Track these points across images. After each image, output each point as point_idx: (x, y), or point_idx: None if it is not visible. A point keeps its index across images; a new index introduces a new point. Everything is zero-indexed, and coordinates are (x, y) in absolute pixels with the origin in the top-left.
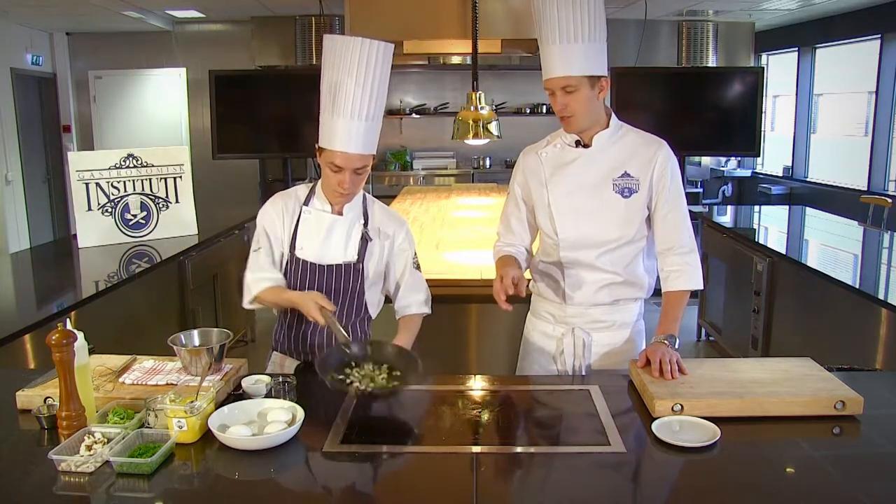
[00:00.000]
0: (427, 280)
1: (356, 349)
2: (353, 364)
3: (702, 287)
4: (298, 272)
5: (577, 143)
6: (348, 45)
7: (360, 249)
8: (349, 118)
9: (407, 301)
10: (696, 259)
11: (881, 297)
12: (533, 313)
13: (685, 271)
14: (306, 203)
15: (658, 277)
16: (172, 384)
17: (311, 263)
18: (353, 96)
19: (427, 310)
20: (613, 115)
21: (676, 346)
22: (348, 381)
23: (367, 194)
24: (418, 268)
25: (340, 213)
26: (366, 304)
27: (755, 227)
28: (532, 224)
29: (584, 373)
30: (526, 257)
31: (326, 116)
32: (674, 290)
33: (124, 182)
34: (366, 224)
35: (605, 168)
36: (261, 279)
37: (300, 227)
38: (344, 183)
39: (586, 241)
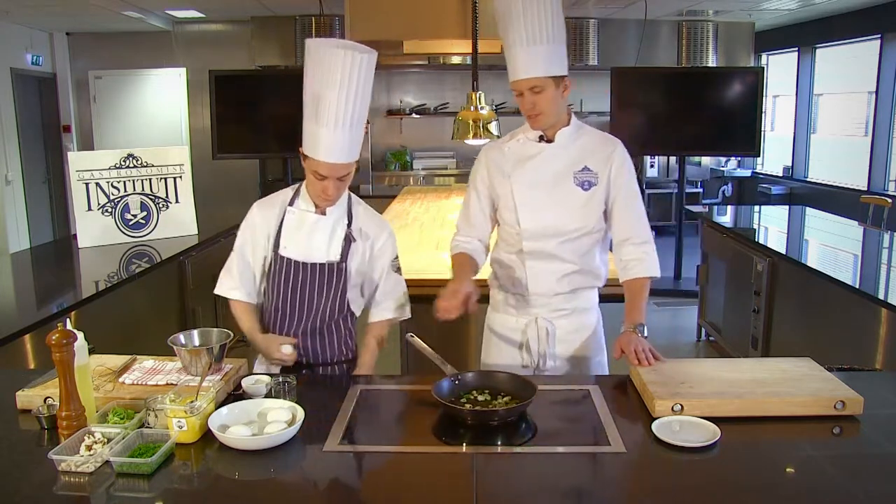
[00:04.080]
0: (427, 280)
1: (469, 378)
2: (468, 392)
3: (659, 275)
4: (283, 272)
5: (541, 139)
6: (331, 55)
7: (344, 249)
8: (332, 128)
9: (382, 305)
10: (653, 249)
11: (881, 297)
12: (493, 307)
13: (643, 260)
14: (291, 204)
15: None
16: (172, 384)
17: (294, 262)
18: (336, 107)
19: (403, 314)
20: (573, 114)
21: (645, 334)
22: (465, 405)
23: (352, 195)
24: (399, 271)
25: (324, 213)
26: (348, 303)
27: (755, 227)
28: (492, 217)
29: (550, 360)
30: (482, 251)
31: (310, 125)
32: (634, 279)
33: (124, 182)
34: (349, 224)
35: (567, 162)
36: (231, 288)
37: (284, 227)
38: (328, 189)
39: (548, 231)
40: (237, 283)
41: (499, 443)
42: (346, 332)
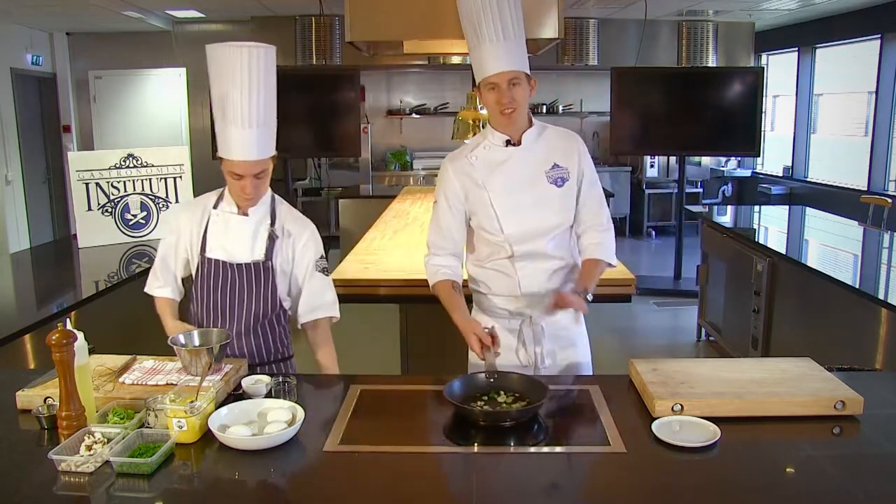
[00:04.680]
0: (426, 280)
1: (483, 379)
2: (480, 394)
3: (616, 265)
4: (210, 274)
5: (507, 143)
6: (229, 54)
7: (268, 248)
8: (240, 127)
9: (312, 304)
10: (612, 237)
11: (881, 297)
12: (481, 310)
13: (604, 244)
14: (215, 207)
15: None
16: (172, 384)
17: (221, 263)
18: (241, 105)
19: (333, 312)
20: (532, 115)
21: (590, 299)
22: (476, 406)
23: (275, 195)
24: (325, 272)
25: (246, 214)
26: (280, 301)
27: (755, 227)
28: (465, 228)
29: (549, 358)
30: (459, 270)
31: (219, 126)
32: (592, 258)
33: (124, 182)
34: (272, 223)
35: (537, 162)
36: (158, 287)
37: (209, 230)
38: (246, 188)
39: (533, 233)
40: (162, 282)
41: (498, 443)
42: (280, 330)
